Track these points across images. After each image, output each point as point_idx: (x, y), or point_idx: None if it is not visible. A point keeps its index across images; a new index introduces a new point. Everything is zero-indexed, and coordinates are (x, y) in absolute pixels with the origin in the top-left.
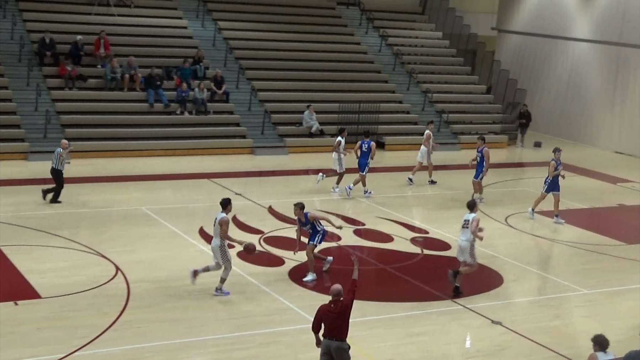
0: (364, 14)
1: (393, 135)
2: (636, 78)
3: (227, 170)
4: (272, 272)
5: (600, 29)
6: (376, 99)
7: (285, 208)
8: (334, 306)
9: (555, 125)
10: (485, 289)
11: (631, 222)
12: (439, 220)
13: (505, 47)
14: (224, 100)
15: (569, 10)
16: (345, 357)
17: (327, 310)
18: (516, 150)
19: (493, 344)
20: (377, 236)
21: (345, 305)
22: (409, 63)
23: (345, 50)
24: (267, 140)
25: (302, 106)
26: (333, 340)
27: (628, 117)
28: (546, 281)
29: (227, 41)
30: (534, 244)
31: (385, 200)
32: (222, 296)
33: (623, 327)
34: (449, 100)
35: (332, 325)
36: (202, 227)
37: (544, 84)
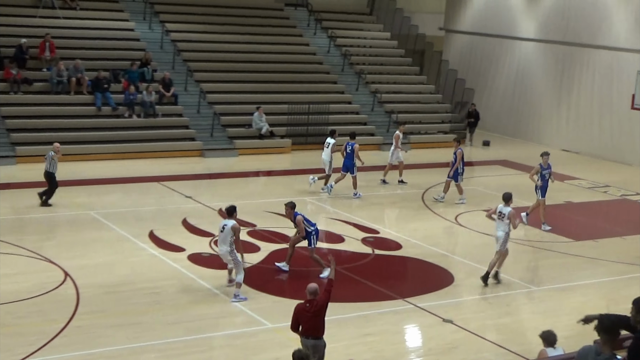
0: (312, 15)
1: (343, 136)
2: (581, 76)
3: (176, 173)
4: (223, 274)
5: (545, 29)
6: (325, 99)
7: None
8: (309, 305)
9: (503, 123)
10: (436, 287)
11: (578, 219)
12: (390, 220)
13: (453, 47)
14: (173, 102)
15: (514, 10)
16: (321, 354)
17: (303, 310)
18: (465, 150)
19: (444, 342)
20: (328, 237)
21: (320, 305)
22: (358, 64)
23: (294, 51)
24: (216, 142)
25: (252, 108)
26: (309, 339)
27: (574, 115)
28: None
29: (175, 43)
30: (484, 242)
31: (335, 201)
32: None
33: (571, 323)
34: (398, 101)
35: (308, 324)
36: (152, 230)
37: (492, 83)
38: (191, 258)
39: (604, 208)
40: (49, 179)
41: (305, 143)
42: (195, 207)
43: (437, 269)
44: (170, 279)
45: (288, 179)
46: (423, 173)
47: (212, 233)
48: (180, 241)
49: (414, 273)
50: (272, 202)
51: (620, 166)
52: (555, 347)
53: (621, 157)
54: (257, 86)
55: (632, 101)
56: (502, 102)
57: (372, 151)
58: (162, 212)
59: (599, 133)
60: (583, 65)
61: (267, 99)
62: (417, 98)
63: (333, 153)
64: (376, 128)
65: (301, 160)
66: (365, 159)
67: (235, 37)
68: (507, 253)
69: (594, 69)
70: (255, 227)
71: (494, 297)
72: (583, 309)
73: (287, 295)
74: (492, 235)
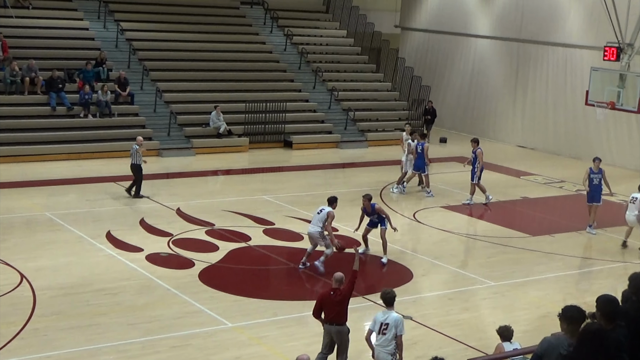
0: (268, 13)
1: (300, 134)
2: (535, 73)
3: None
4: (182, 274)
5: (500, 26)
6: (282, 98)
7: (194, 209)
8: (334, 293)
9: (459, 120)
10: (394, 284)
11: (535, 214)
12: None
13: (409, 44)
14: (129, 102)
15: (469, 7)
16: (345, 340)
17: (328, 297)
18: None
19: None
20: (287, 235)
21: (344, 294)
22: (314, 62)
23: (251, 49)
24: (173, 141)
25: (209, 107)
26: (333, 325)
27: (529, 111)
28: (454, 275)
29: (130, 42)
30: (442, 239)
31: (294, 199)
32: (321, 264)
33: (529, 317)
34: (355, 98)
35: (332, 311)
36: (110, 231)
37: (448, 81)
38: (149, 258)
39: (559, 203)
40: (135, 171)
41: (262, 141)
42: (153, 207)
43: (396, 265)
44: (128, 279)
45: (246, 177)
46: (381, 170)
47: (170, 233)
48: (138, 241)
49: (373, 271)
50: (230, 201)
51: (575, 161)
52: (511, 342)
53: (576, 153)
54: (214, 85)
55: (585, 97)
56: (458, 99)
57: (330, 149)
58: (120, 212)
59: (554, 129)
60: (537, 62)
61: (224, 98)
62: (374, 96)
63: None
64: (333, 126)
65: (259, 158)
66: (322, 158)
67: (192, 36)
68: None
69: (548, 65)
70: (214, 227)
71: (452, 293)
72: (540, 304)
73: (247, 294)
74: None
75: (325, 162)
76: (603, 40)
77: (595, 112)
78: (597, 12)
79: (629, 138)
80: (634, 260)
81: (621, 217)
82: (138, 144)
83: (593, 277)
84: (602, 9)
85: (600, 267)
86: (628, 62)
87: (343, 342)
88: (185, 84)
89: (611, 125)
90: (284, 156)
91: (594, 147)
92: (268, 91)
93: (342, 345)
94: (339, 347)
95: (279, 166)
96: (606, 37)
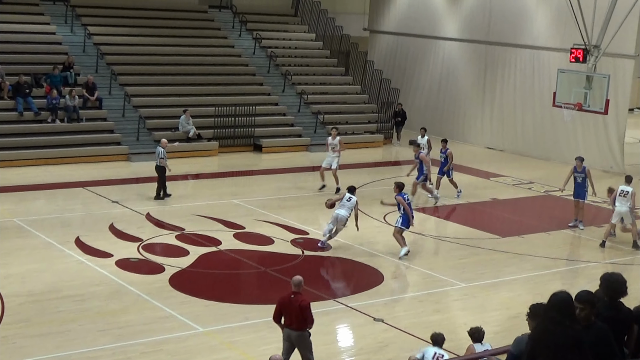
0: (237, 16)
1: (270, 138)
2: (503, 75)
3: (102, 178)
4: (152, 279)
5: (468, 28)
6: (252, 101)
7: (164, 214)
8: (294, 297)
9: (428, 122)
10: (366, 287)
11: (504, 215)
12: (318, 220)
13: (378, 47)
14: (97, 106)
15: (438, 10)
16: (306, 344)
17: (288, 301)
18: (393, 149)
19: (376, 341)
20: (257, 239)
21: (303, 306)
22: (284, 65)
23: (219, 53)
24: (142, 146)
25: (178, 111)
26: (293, 330)
27: (497, 113)
28: (425, 277)
29: (98, 47)
30: (412, 241)
31: (264, 203)
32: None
33: (500, 318)
34: (325, 101)
35: (292, 316)
36: (79, 236)
37: (417, 83)
38: (119, 264)
39: (528, 204)
40: (160, 172)
41: (232, 145)
42: (123, 211)
43: (367, 268)
44: (98, 285)
45: (216, 181)
46: (351, 173)
47: (140, 238)
48: (108, 247)
49: (344, 273)
50: (200, 205)
51: (543, 162)
52: (482, 343)
53: (544, 154)
54: (183, 89)
55: (553, 99)
56: (428, 101)
57: (300, 152)
58: (89, 217)
59: (522, 130)
60: (505, 64)
61: (193, 102)
62: (343, 99)
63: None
64: (303, 129)
65: (229, 162)
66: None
67: (160, 40)
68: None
69: (516, 67)
70: (184, 231)
71: (423, 294)
72: (511, 305)
73: (218, 298)
74: (420, 234)
75: (295, 165)
76: (570, 42)
77: (563, 114)
78: (564, 14)
79: (596, 138)
80: (603, 260)
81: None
82: (163, 146)
83: (563, 277)
84: (568, 11)
85: (569, 267)
86: (594, 64)
87: (304, 346)
88: (153, 88)
89: (578, 126)
90: (254, 160)
91: (561, 148)
92: (237, 95)
93: (305, 349)
94: (301, 351)
95: (248, 170)
96: (573, 39)
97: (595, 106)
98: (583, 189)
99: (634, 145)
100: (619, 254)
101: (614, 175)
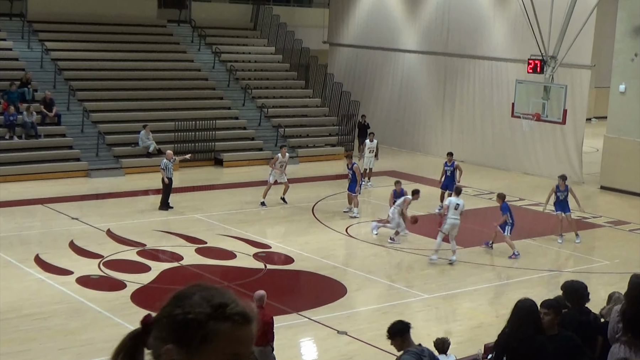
0: (196, 30)
1: (231, 152)
2: (463, 86)
3: (61, 194)
4: (114, 296)
5: (427, 40)
6: (212, 116)
7: (124, 230)
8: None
9: (390, 134)
10: (329, 300)
11: (466, 226)
12: (280, 234)
13: (338, 60)
14: (55, 123)
15: (396, 22)
16: (269, 359)
17: None
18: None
19: (339, 354)
20: (219, 254)
21: (266, 322)
22: (244, 79)
23: (179, 67)
24: (102, 162)
25: (137, 126)
26: (256, 346)
27: (457, 124)
28: (388, 288)
29: (56, 62)
30: (375, 253)
31: (225, 217)
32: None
33: (462, 328)
34: (285, 115)
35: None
36: (38, 254)
37: (377, 95)
38: (80, 281)
39: (489, 214)
40: (166, 185)
41: (193, 160)
42: (83, 228)
43: (329, 281)
44: (59, 303)
45: (177, 196)
46: (313, 186)
47: (101, 254)
48: (68, 264)
49: (307, 286)
50: (161, 220)
51: (503, 173)
52: (447, 354)
53: (504, 164)
54: (143, 104)
55: (512, 109)
56: (388, 113)
57: (261, 166)
58: (48, 235)
59: (482, 141)
60: (464, 76)
61: (153, 117)
62: (304, 112)
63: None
64: (264, 143)
65: (189, 177)
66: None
67: (118, 55)
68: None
69: (475, 78)
70: (145, 247)
71: (387, 306)
72: (473, 315)
73: None
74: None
75: (256, 179)
76: (527, 53)
77: (522, 124)
78: (521, 26)
79: (554, 148)
80: (564, 268)
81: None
82: (168, 158)
83: (524, 286)
84: (525, 23)
85: (530, 276)
86: (552, 74)
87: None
88: (113, 103)
89: (537, 136)
90: (215, 174)
91: (521, 158)
92: (197, 109)
93: None
94: None
95: (210, 184)
96: (530, 49)
97: (553, 116)
98: (566, 204)
99: (592, 155)
100: (580, 262)
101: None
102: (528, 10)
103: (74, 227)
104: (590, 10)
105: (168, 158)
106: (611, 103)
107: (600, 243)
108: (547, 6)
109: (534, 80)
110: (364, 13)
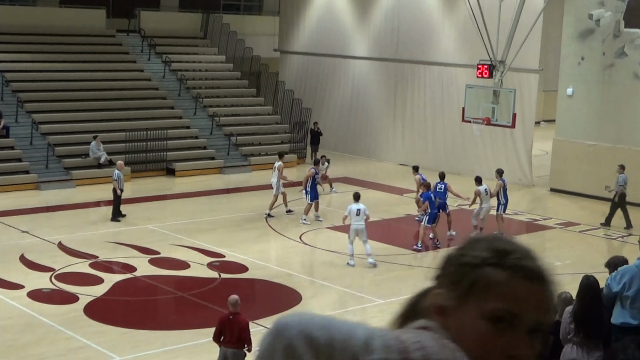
0: (145, 40)
1: (183, 161)
2: (414, 92)
3: (10, 207)
4: (66, 309)
5: (377, 47)
6: (163, 125)
7: (76, 242)
8: (232, 318)
9: (341, 141)
10: (284, 307)
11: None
12: (234, 243)
13: (289, 67)
14: (4, 135)
15: (346, 29)
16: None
17: (228, 321)
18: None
19: None
20: (173, 264)
21: (243, 327)
22: (194, 88)
23: (129, 77)
24: (52, 174)
25: (88, 137)
26: (229, 349)
27: (409, 129)
28: (343, 295)
29: (3, 73)
30: (329, 260)
31: (179, 227)
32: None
33: None
34: (237, 123)
35: (232, 335)
36: None
37: (329, 102)
38: (31, 295)
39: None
40: (117, 195)
41: (144, 170)
42: (33, 241)
43: (284, 288)
44: (9, 318)
45: (129, 207)
46: (266, 194)
47: (52, 268)
48: (19, 278)
49: (262, 294)
50: (113, 231)
51: (454, 177)
52: None
53: (455, 168)
54: (93, 115)
55: (462, 114)
56: (340, 120)
57: (214, 175)
58: None
59: (433, 146)
60: (415, 81)
61: (103, 127)
62: (256, 120)
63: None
64: (216, 152)
65: (141, 187)
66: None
67: (67, 66)
68: None
69: (425, 84)
70: (98, 259)
71: (342, 312)
72: None
73: (134, 326)
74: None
75: (209, 188)
76: (476, 58)
77: (472, 128)
78: (470, 31)
79: (504, 152)
80: None
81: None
82: (119, 168)
83: None
84: (474, 28)
85: None
86: (501, 79)
87: None
88: (62, 114)
89: (487, 140)
90: (167, 184)
91: (472, 162)
92: (148, 119)
93: None
94: None
95: (162, 194)
96: (479, 55)
97: (502, 120)
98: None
99: (542, 158)
100: None
101: (522, 187)
102: (476, 15)
103: (24, 240)
104: (537, 15)
105: (119, 168)
106: (559, 106)
107: (551, 244)
108: (495, 11)
109: (484, 85)
110: (314, 20)
